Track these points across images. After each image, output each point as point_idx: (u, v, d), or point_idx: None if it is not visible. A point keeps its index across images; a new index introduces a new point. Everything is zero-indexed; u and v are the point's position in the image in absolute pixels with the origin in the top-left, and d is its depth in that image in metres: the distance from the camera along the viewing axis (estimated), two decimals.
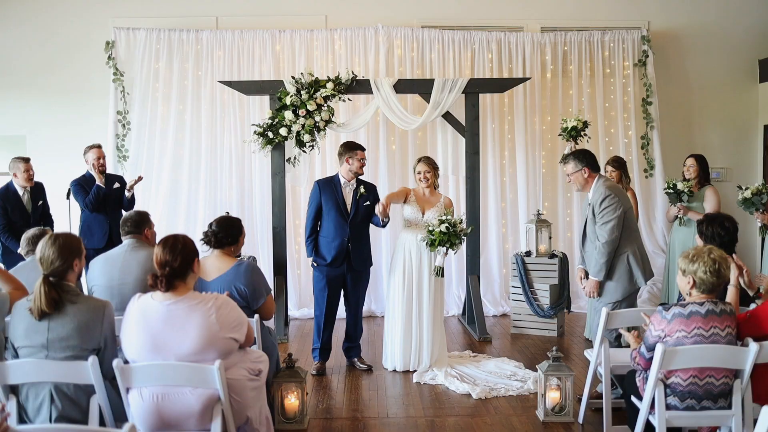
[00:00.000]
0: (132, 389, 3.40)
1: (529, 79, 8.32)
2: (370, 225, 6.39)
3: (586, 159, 5.25)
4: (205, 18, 8.89)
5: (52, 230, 5.72)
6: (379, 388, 5.78)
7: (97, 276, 4.69)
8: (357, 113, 7.93)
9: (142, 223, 5.00)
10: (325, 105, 7.43)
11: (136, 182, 7.44)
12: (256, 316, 4.45)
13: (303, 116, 7.31)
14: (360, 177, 6.26)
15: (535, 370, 5.38)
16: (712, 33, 9.34)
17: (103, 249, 6.44)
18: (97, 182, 7.17)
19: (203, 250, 4.33)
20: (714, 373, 3.63)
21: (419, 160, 6.54)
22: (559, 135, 8.15)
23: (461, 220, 6.10)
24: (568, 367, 4.97)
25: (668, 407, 3.66)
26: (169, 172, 8.66)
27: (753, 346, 3.54)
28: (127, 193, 7.35)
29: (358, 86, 7.60)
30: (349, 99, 7.71)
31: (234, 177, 8.72)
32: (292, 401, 4.85)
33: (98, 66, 8.73)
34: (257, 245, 8.66)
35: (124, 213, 6.98)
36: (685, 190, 7.15)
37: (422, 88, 7.73)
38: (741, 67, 9.43)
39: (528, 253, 7.65)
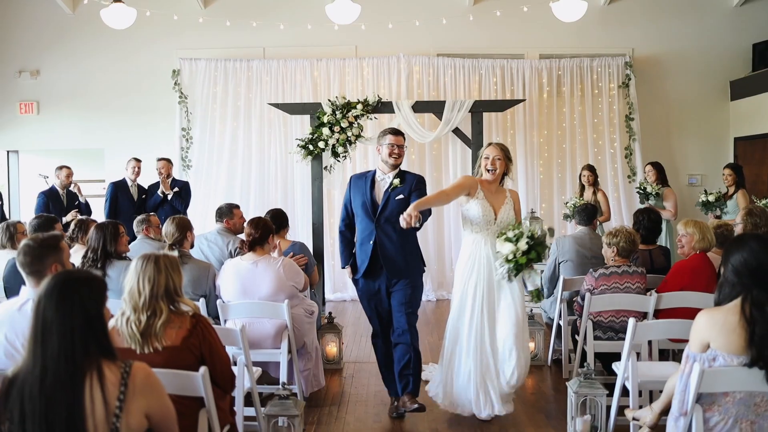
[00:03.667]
0: (228, 320, 5.04)
1: (524, 101, 9.82)
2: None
3: None
4: (254, 49, 10.58)
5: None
6: None
7: None
8: (382, 129, 9.46)
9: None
10: (356, 122, 8.92)
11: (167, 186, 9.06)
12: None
13: (337, 132, 8.84)
14: (402, 170, 5.25)
15: None
16: (688, 58, 10.82)
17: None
18: (162, 190, 8.88)
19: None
20: (626, 315, 5.18)
21: (489, 144, 5.28)
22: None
23: (539, 227, 5.20)
24: (539, 323, 6.54)
25: (595, 338, 5.22)
26: (225, 178, 10.38)
27: (654, 296, 5.08)
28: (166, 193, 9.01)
29: (383, 107, 9.08)
30: (375, 117, 9.22)
31: (279, 182, 10.40)
32: (332, 348, 6.47)
33: (165, 90, 10.45)
34: (296, 239, 10.26)
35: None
36: (653, 192, 8.66)
37: (436, 108, 9.23)
38: (714, 88, 10.89)
39: None
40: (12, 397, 2.40)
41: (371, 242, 5.05)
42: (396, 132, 5.29)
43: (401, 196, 5.07)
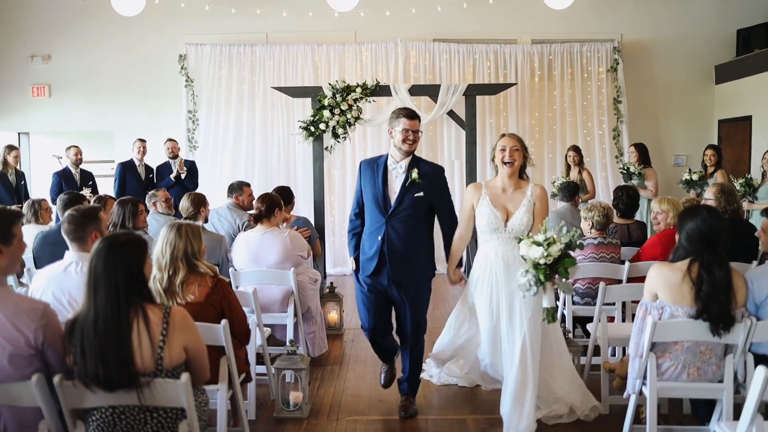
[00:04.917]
0: (240, 286, 5.54)
1: (516, 84, 10.32)
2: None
3: None
4: (257, 34, 11.02)
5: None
6: None
7: None
8: (380, 111, 9.93)
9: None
10: (355, 105, 9.39)
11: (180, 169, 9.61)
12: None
13: (337, 114, 9.31)
14: (416, 156, 4.78)
15: None
16: (675, 43, 11.27)
17: None
18: (177, 171, 9.39)
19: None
20: (602, 282, 5.68)
21: (502, 136, 4.74)
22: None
23: (564, 234, 4.25)
24: None
25: (574, 303, 5.74)
26: (230, 158, 10.88)
27: (626, 265, 5.58)
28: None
29: (381, 90, 9.55)
30: (373, 100, 9.69)
31: (281, 162, 10.90)
32: (333, 315, 6.98)
33: (172, 74, 10.90)
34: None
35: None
36: (635, 172, 9.14)
37: (431, 91, 9.69)
38: (699, 72, 11.36)
39: None
40: (75, 336, 2.92)
41: (379, 238, 4.59)
42: (412, 115, 4.68)
43: (420, 194, 4.60)
